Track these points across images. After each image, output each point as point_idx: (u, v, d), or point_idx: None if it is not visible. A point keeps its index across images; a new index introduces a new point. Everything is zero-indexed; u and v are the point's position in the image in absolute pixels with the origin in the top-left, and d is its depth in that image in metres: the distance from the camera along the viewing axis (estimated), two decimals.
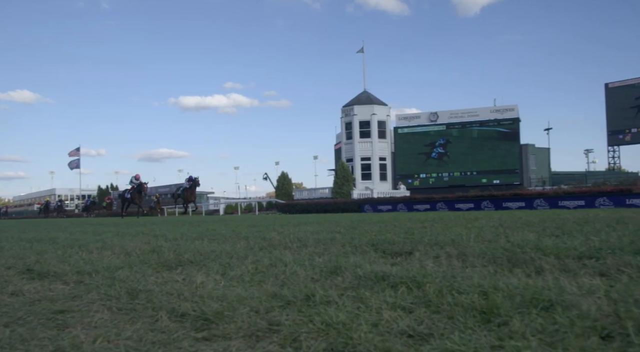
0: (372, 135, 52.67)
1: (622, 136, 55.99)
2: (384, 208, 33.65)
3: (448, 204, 31.95)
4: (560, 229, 5.58)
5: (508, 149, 50.54)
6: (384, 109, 54.04)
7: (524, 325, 1.99)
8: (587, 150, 67.10)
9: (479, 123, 52.01)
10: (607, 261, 3.28)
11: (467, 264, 3.55)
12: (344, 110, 54.45)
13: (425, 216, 12.21)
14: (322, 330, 2.08)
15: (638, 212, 10.29)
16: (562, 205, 25.95)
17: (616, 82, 56.04)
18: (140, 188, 33.28)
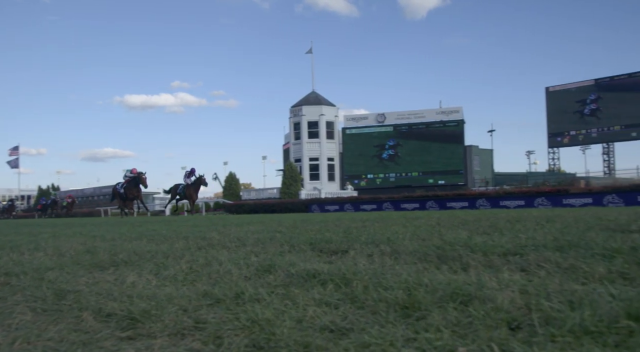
0: (321, 136, 52.91)
1: (561, 139, 57.92)
2: (331, 208, 33.85)
3: (394, 204, 32.41)
4: (493, 227, 5.77)
5: (453, 150, 51.67)
6: (332, 110, 54.36)
7: (441, 318, 2.07)
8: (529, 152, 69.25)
9: (425, 124, 52.99)
10: (530, 257, 3.42)
11: (399, 262, 3.64)
12: (292, 111, 54.50)
13: (368, 215, 12.37)
14: (247, 327, 2.11)
15: (569, 211, 10.71)
16: (503, 205, 26.72)
17: (556, 86, 57.94)
18: (138, 181, 28.61)
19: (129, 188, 29.11)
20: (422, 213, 13.56)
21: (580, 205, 23.64)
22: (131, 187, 28.98)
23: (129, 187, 29.08)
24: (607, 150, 57.83)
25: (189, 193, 30.07)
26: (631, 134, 52.91)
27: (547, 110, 58.14)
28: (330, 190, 48.34)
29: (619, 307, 2.01)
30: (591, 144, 57.25)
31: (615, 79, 53.83)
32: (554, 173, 54.81)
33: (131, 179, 29.12)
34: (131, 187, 28.97)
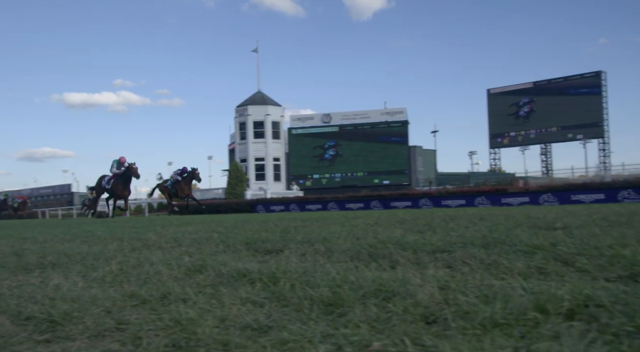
0: (266, 136, 52.73)
1: (501, 139, 59.58)
2: (277, 208, 33.79)
3: (339, 204, 32.64)
4: (428, 226, 5.91)
5: (397, 150, 52.43)
6: (278, 110, 54.28)
7: (361, 314, 2.12)
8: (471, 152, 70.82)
9: (370, 125, 53.57)
10: (456, 254, 3.52)
11: (331, 260, 3.68)
12: (238, 111, 54.12)
13: (310, 215, 12.44)
14: (169, 327, 2.10)
15: (504, 210, 11.05)
16: (445, 204, 27.31)
17: (497, 88, 59.57)
18: (128, 173, 24.45)
19: (116, 185, 24.79)
20: (363, 213, 13.74)
21: (518, 204, 24.40)
22: (119, 184, 24.78)
23: (117, 184, 24.79)
24: (545, 151, 59.86)
25: (180, 187, 27.29)
26: (567, 135, 54.92)
27: (489, 111, 59.71)
28: (276, 190, 48.25)
29: (528, 300, 2.10)
30: (530, 144, 59.09)
31: (552, 82, 55.78)
32: (495, 173, 56.34)
33: (120, 174, 24.94)
34: (119, 183, 24.78)
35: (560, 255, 3.19)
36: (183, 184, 27.20)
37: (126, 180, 24.85)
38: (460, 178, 50.46)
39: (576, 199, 24.11)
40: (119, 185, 24.85)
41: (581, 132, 53.48)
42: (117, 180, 24.89)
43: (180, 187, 27.15)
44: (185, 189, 27.20)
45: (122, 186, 24.83)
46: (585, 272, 2.80)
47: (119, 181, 24.84)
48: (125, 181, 24.85)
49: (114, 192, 25.22)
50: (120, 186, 24.82)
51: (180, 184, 27.22)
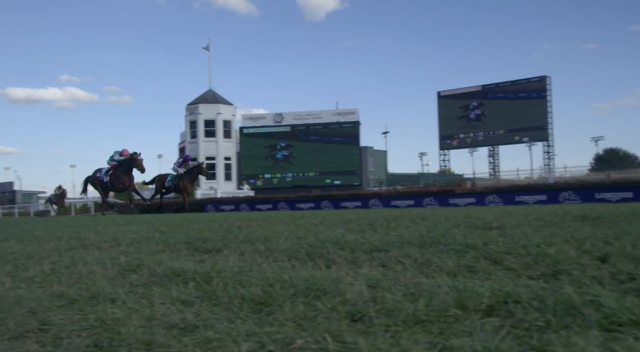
0: (218, 135, 52.26)
1: (450, 141, 60.71)
2: (227, 208, 33.53)
3: (289, 203, 32.64)
4: (370, 225, 5.99)
5: (349, 151, 52.79)
6: (229, 109, 53.87)
7: (289, 313, 2.14)
8: (422, 154, 71.95)
9: (322, 125, 53.76)
10: (392, 253, 3.58)
11: (269, 259, 3.70)
12: (188, 109, 53.46)
13: (258, 215, 12.41)
14: (93, 327, 2.08)
15: (448, 210, 11.27)
16: (394, 204, 27.66)
17: (447, 90, 60.68)
18: (130, 164, 21.59)
19: (117, 175, 21.79)
20: (311, 212, 13.79)
21: (465, 205, 24.94)
22: (120, 174, 21.73)
23: (118, 174, 21.77)
24: (492, 153, 61.31)
25: (183, 185, 23.54)
26: (514, 138, 56.39)
27: (439, 113, 60.77)
28: (227, 190, 47.87)
29: (450, 298, 2.17)
30: (478, 146, 60.41)
31: (500, 86, 57.19)
32: (444, 174, 57.35)
33: (121, 163, 22.01)
34: (120, 173, 21.74)
35: (491, 254, 3.29)
36: (187, 181, 23.57)
37: (127, 170, 21.95)
38: (410, 179, 51.19)
39: (520, 200, 24.80)
40: (120, 175, 21.84)
41: (527, 135, 55.01)
42: (116, 171, 21.95)
43: (183, 184, 23.52)
44: (188, 187, 23.76)
45: (122, 177, 21.79)
46: (511, 270, 2.89)
47: (119, 171, 21.89)
48: (126, 171, 21.91)
49: (113, 185, 22.21)
50: (121, 177, 21.73)
51: (184, 180, 23.51)
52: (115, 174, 21.90)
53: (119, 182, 21.83)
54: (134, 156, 21.62)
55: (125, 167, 21.82)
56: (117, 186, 22.06)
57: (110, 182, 22.06)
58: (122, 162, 21.98)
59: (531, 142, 54.91)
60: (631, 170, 44.05)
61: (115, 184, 21.99)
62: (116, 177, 21.89)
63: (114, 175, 21.95)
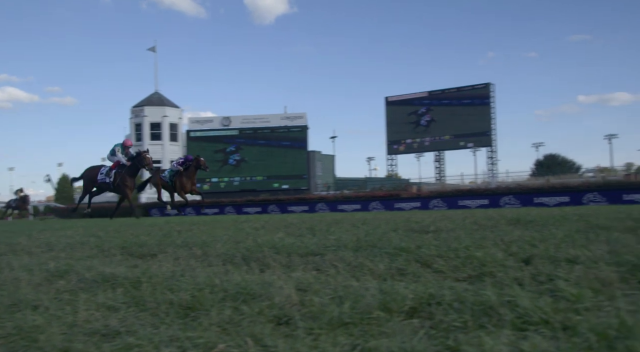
0: (164, 138, 51.43)
1: (397, 146, 61.46)
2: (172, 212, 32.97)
3: (236, 208, 32.43)
4: (310, 229, 6.00)
5: (297, 155, 52.78)
6: (176, 112, 53.12)
7: (216, 317, 2.13)
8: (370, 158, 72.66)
9: (270, 129, 53.60)
10: (327, 257, 3.61)
11: (204, 264, 3.67)
12: (133, 111, 52.41)
13: (201, 219, 12.27)
14: (10, 335, 2.02)
15: (391, 214, 11.42)
16: (341, 209, 27.82)
17: (395, 96, 61.44)
18: (139, 163, 18.23)
19: (122, 176, 18.45)
20: (255, 217, 13.69)
21: (410, 209, 25.32)
22: (125, 175, 18.44)
23: (122, 175, 18.46)
24: (438, 158, 62.42)
25: (182, 182, 20.88)
26: (459, 143, 57.56)
27: (387, 118, 61.48)
28: None
29: (375, 300, 2.20)
30: (425, 151, 61.37)
31: (446, 92, 58.29)
32: (391, 179, 58.03)
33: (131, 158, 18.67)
34: (125, 174, 18.45)
35: (422, 257, 3.36)
36: (185, 177, 21.06)
37: (133, 172, 18.66)
38: (357, 183, 51.58)
39: (463, 204, 25.38)
40: (125, 177, 18.43)
41: (472, 141, 56.22)
42: (120, 171, 18.54)
43: (181, 181, 21.04)
44: (187, 184, 21.05)
45: (127, 179, 18.41)
46: (440, 272, 2.96)
47: (124, 173, 18.46)
48: (132, 172, 18.60)
49: (117, 188, 18.69)
50: (126, 179, 18.40)
51: (182, 176, 21.08)
52: (121, 173, 18.37)
53: (124, 183, 18.32)
54: (142, 154, 18.45)
55: (133, 167, 18.47)
56: (121, 187, 18.40)
57: (113, 182, 18.54)
58: (130, 158, 18.71)
59: (475, 148, 56.17)
60: (568, 176, 45.67)
61: (121, 186, 18.38)
62: (122, 178, 18.39)
63: (120, 175, 18.38)
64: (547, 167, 61.17)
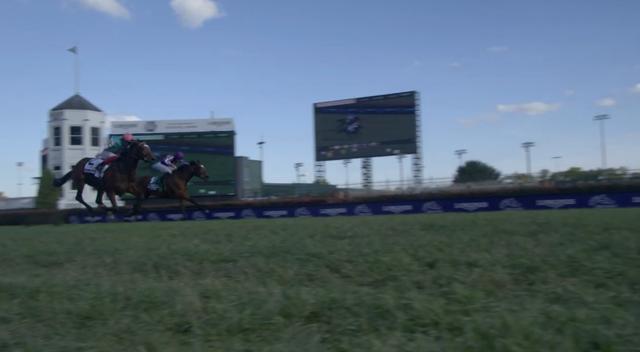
0: (84, 142, 49.64)
1: (325, 152, 61.89)
2: (91, 219, 31.90)
3: (160, 214, 31.76)
4: (229, 236, 5.98)
5: (224, 160, 52.18)
6: (98, 115, 51.45)
7: (113, 326, 2.09)
8: (298, 164, 72.83)
9: (197, 134, 52.79)
10: (239, 264, 3.61)
11: (112, 272, 3.58)
12: (52, 114, 50.31)
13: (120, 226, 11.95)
14: None
15: (314, 220, 11.50)
16: (267, 214, 27.75)
17: (323, 102, 61.87)
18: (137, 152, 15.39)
19: (114, 171, 15.81)
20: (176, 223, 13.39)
21: (336, 214, 25.59)
22: (120, 170, 15.77)
23: (115, 170, 15.83)
24: (366, 164, 63.34)
25: (173, 182, 18.16)
26: (386, 150, 58.63)
27: (315, 125, 61.86)
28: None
29: (277, 306, 2.22)
30: (352, 158, 62.05)
31: (373, 100, 59.24)
32: (319, 185, 58.40)
33: (123, 155, 15.99)
34: (121, 169, 15.78)
35: (332, 262, 3.41)
36: (178, 179, 18.28)
37: (130, 166, 16.04)
38: (285, 189, 51.59)
39: (387, 210, 25.84)
40: (116, 173, 15.93)
41: (398, 148, 57.32)
42: (114, 165, 16.12)
43: (175, 183, 18.18)
44: (181, 185, 18.25)
45: (122, 175, 15.88)
46: (348, 277, 3.01)
47: (118, 167, 16.03)
48: (128, 166, 15.99)
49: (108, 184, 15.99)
50: (118, 175, 15.84)
51: (175, 178, 18.32)
52: (115, 169, 15.86)
53: (117, 180, 15.78)
54: (138, 145, 15.71)
55: (130, 160, 15.83)
56: (114, 185, 15.88)
57: (104, 179, 15.97)
58: (126, 153, 16.02)
59: (401, 155, 57.36)
60: (488, 182, 47.51)
61: (114, 183, 15.85)
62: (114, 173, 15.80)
63: (112, 170, 15.86)
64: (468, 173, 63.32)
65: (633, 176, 38.64)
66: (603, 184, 28.46)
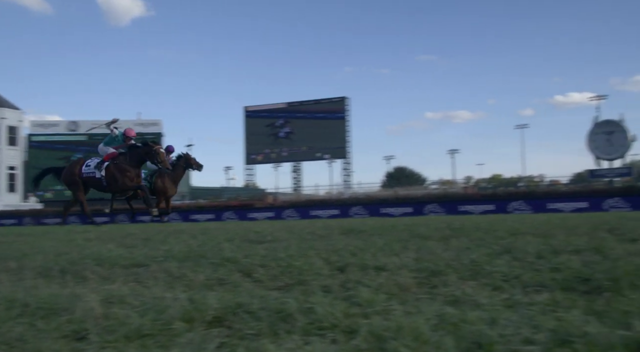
0: (1, 142, 47.35)
1: (255, 156, 61.63)
2: (7, 222, 30.45)
3: (82, 217, 30.66)
4: (146, 240, 5.85)
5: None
6: (16, 113, 49.16)
7: (6, 334, 2.01)
8: (227, 167, 72.06)
9: None
10: (151, 268, 3.55)
11: (16, 278, 3.44)
12: None
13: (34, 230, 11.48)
14: None
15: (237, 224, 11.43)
16: (194, 218, 27.34)
17: (253, 105, 61.62)
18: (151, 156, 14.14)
19: (120, 171, 14.15)
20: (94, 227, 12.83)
21: (264, 218, 25.52)
22: (125, 169, 14.13)
23: (122, 169, 14.19)
24: (296, 169, 63.48)
25: (165, 182, 16.41)
26: (316, 155, 59.00)
27: (245, 128, 61.49)
28: (11, 202, 43.51)
29: (180, 311, 2.20)
30: (282, 162, 62.10)
31: (304, 104, 59.51)
32: (248, 188, 58.08)
33: (129, 152, 14.48)
34: (126, 167, 14.18)
35: (246, 267, 3.40)
36: (168, 179, 16.37)
37: (136, 163, 14.30)
38: (214, 193, 50.92)
39: (315, 214, 26.02)
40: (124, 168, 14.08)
41: (328, 152, 57.83)
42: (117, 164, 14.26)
43: (165, 182, 16.42)
44: (171, 187, 16.56)
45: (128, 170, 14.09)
46: (259, 281, 3.02)
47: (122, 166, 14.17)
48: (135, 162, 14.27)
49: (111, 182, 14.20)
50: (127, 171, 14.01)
51: (165, 177, 16.42)
52: (119, 168, 14.10)
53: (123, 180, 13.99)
54: (155, 148, 14.20)
55: (136, 156, 14.30)
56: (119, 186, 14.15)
57: (106, 179, 14.20)
58: (132, 149, 14.49)
59: (331, 160, 57.89)
60: (415, 187, 48.66)
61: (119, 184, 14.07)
62: (120, 173, 14.03)
63: (116, 168, 14.07)
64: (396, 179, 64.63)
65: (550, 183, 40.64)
66: (521, 191, 29.82)
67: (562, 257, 3.19)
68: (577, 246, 3.71)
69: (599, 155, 35.27)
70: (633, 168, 37.18)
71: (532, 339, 1.66)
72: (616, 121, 35.47)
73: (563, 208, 22.19)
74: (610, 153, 34.78)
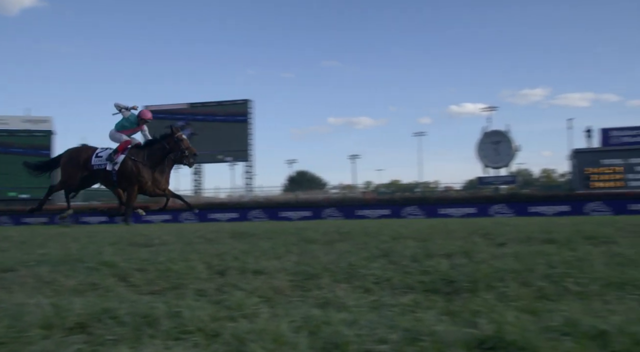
0: None
1: None
2: None
3: None
4: (23, 243, 5.55)
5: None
6: None
7: None
8: None
9: (8, 133, 48.32)
10: (21, 273, 3.37)
11: None
12: None
13: None
14: None
15: (126, 228, 11.06)
16: (85, 221, 26.28)
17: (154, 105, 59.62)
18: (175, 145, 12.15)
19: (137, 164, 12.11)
20: None
21: (159, 221, 24.85)
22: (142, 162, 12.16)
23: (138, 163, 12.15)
24: (197, 170, 62.30)
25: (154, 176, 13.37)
26: (217, 157, 58.21)
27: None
28: None
29: (39, 317, 2.10)
30: None
31: (207, 105, 58.49)
32: None
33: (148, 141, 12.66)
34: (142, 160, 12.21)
35: (123, 271, 3.31)
36: (158, 172, 13.45)
37: (157, 158, 12.31)
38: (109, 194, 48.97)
39: (214, 217, 25.72)
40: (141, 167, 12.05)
41: (231, 155, 57.17)
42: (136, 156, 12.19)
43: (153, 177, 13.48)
44: (162, 181, 13.64)
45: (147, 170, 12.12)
46: (135, 286, 2.94)
47: (141, 159, 12.20)
48: (154, 159, 12.28)
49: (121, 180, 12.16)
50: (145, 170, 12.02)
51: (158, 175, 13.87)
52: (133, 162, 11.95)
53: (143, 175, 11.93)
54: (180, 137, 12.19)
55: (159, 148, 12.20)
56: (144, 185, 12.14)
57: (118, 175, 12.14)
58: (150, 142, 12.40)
59: (233, 162, 57.36)
60: (315, 192, 49.18)
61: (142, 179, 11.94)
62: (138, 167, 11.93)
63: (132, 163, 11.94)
64: (297, 183, 65.04)
65: (445, 189, 42.51)
66: (416, 196, 30.96)
67: (433, 260, 3.34)
68: (450, 249, 3.90)
69: (487, 163, 37.18)
70: (517, 176, 39.63)
71: (386, 339, 1.74)
72: (503, 132, 37.54)
73: (453, 213, 23.30)
74: (497, 162, 36.77)
